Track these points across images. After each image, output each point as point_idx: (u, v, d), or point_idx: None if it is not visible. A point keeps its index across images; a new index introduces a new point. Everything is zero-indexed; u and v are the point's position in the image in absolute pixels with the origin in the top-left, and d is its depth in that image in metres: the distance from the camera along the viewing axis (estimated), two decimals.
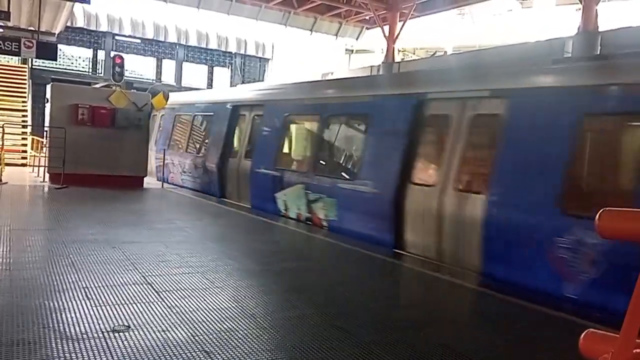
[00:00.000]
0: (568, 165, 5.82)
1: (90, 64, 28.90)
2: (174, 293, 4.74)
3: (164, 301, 4.48)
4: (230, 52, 32.62)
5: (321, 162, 9.93)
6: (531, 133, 6.23)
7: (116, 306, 4.27)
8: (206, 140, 13.86)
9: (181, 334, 3.77)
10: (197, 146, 14.48)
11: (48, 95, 14.12)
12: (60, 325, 3.77)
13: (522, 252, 5.94)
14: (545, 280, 5.66)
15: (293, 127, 11.18)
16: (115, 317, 4.02)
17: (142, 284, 4.95)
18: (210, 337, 3.75)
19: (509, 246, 6.09)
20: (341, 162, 9.97)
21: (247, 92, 13.50)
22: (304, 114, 10.69)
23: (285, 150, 11.22)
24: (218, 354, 3.47)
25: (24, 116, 20.73)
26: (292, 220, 9.66)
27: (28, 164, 17.89)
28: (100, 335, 3.63)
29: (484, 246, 6.37)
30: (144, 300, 4.47)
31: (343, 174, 9.38)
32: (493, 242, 6.28)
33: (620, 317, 1.38)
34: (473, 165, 7.14)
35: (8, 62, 23.97)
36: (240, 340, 3.72)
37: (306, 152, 10.68)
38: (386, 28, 19.86)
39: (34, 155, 16.86)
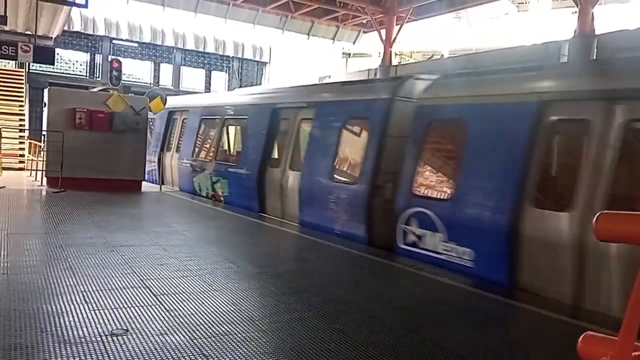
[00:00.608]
0: (337, 152, 9.29)
1: (88, 68, 28.87)
2: (172, 296, 4.74)
3: (162, 305, 4.48)
4: (228, 56, 32.63)
5: (220, 153, 13.44)
6: (321, 128, 9.80)
7: (114, 310, 4.26)
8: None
9: (179, 337, 3.77)
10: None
11: (45, 100, 14.10)
12: (58, 329, 3.76)
13: (318, 206, 9.27)
14: (328, 222, 8.98)
15: (203, 127, 14.50)
16: (113, 320, 4.01)
17: (140, 288, 4.94)
18: (209, 340, 3.75)
19: (311, 203, 9.51)
20: (231, 153, 13.79)
21: (183, 100, 17.42)
22: (211, 117, 14.06)
23: (199, 145, 14.58)
24: (216, 357, 3.47)
25: (21, 120, 20.68)
26: (290, 223, 9.68)
27: (26, 168, 17.85)
28: (99, 339, 3.63)
29: (301, 204, 9.73)
30: (142, 304, 4.46)
31: (231, 161, 12.91)
32: (306, 201, 9.65)
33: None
34: (297, 152, 10.44)
35: (5, 66, 23.91)
36: (238, 344, 3.72)
37: (211, 146, 13.93)
38: (383, 32, 19.92)
39: (32, 160, 16.83)
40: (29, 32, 20.87)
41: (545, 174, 6.37)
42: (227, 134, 13.73)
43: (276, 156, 11.24)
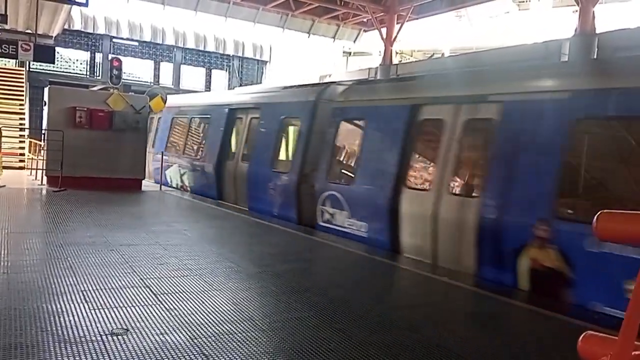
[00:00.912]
0: (276, 146, 11.00)
1: (88, 66, 28.87)
2: (172, 296, 4.74)
3: (162, 304, 4.48)
4: (228, 55, 32.61)
5: (186, 148, 15.03)
6: (265, 126, 11.38)
7: (114, 309, 4.26)
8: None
9: (180, 337, 3.77)
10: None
11: (46, 98, 14.10)
12: (59, 328, 3.76)
13: (262, 193, 10.85)
14: (269, 206, 10.51)
15: (176, 125, 16.02)
16: (113, 320, 4.01)
17: (140, 287, 4.94)
18: (209, 340, 3.75)
19: (256, 190, 11.06)
20: (194, 148, 14.81)
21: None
22: (182, 117, 15.73)
23: (172, 140, 15.94)
24: (217, 357, 3.47)
25: (21, 119, 20.69)
26: (289, 223, 9.69)
27: (26, 167, 17.86)
28: (99, 338, 3.63)
29: (249, 191, 11.36)
30: (142, 303, 4.46)
31: (194, 155, 14.37)
32: (253, 188, 11.22)
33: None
34: (247, 146, 12.17)
35: (5, 64, 23.91)
36: (238, 343, 3.72)
37: (180, 142, 15.45)
38: (384, 30, 19.89)
39: (32, 158, 16.83)
40: (29, 31, 20.85)
41: (415, 162, 8.00)
42: (192, 131, 15.19)
43: (232, 150, 12.80)
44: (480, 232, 6.31)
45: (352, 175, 8.90)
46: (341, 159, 9.74)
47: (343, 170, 9.55)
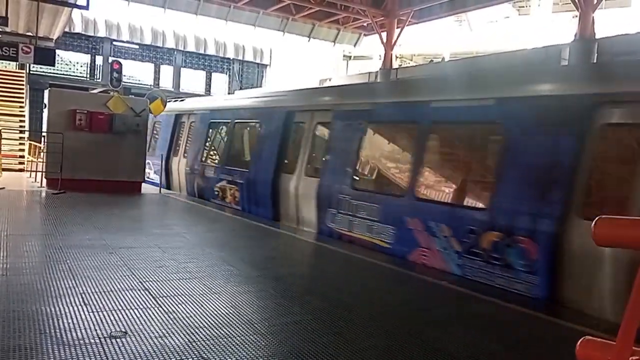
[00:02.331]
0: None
1: (88, 69, 28.92)
2: (171, 299, 4.74)
3: (161, 307, 4.48)
4: (228, 58, 32.68)
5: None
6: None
7: (113, 312, 4.26)
8: None
9: (178, 340, 3.76)
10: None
11: (46, 101, 14.12)
12: (57, 331, 3.76)
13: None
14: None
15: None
16: (112, 323, 4.01)
17: (139, 290, 4.94)
18: (208, 343, 3.74)
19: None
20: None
21: None
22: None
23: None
24: None
25: (21, 121, 20.71)
26: (290, 226, 9.68)
27: (25, 169, 17.86)
28: (97, 341, 3.62)
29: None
30: (141, 306, 4.46)
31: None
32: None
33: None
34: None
35: (5, 67, 23.95)
36: (237, 347, 3.71)
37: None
38: (384, 35, 19.93)
39: (32, 161, 16.84)
40: (29, 34, 20.87)
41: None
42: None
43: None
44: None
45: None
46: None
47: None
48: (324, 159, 9.68)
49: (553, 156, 5.96)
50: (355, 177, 8.91)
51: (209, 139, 14.44)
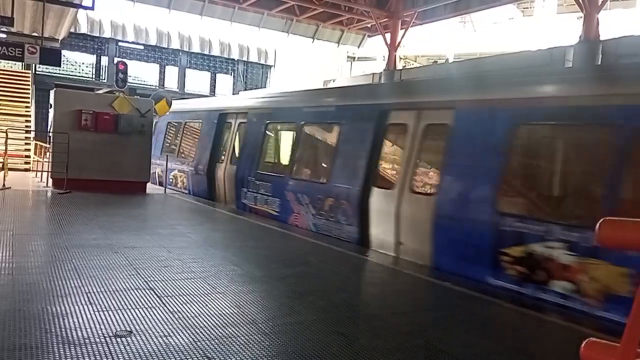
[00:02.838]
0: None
1: (94, 70, 29.03)
2: (176, 298, 4.76)
3: (166, 306, 4.50)
4: (233, 59, 32.74)
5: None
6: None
7: (118, 311, 4.28)
8: None
9: (183, 339, 3.78)
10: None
11: (51, 101, 14.16)
12: (63, 330, 3.78)
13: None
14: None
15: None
16: (117, 322, 4.03)
17: (144, 289, 4.97)
18: (212, 342, 3.76)
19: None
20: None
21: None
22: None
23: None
24: (219, 359, 3.48)
25: (27, 121, 20.79)
26: (294, 227, 9.70)
27: (31, 169, 17.94)
28: (103, 340, 3.65)
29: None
30: (146, 306, 4.48)
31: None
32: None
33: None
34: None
35: (11, 67, 24.06)
36: (241, 347, 3.73)
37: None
38: (388, 36, 19.93)
39: (37, 160, 16.91)
40: (35, 34, 20.98)
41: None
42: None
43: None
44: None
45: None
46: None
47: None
48: (240, 150, 12.88)
49: (359, 146, 8.79)
50: (258, 163, 11.74)
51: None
